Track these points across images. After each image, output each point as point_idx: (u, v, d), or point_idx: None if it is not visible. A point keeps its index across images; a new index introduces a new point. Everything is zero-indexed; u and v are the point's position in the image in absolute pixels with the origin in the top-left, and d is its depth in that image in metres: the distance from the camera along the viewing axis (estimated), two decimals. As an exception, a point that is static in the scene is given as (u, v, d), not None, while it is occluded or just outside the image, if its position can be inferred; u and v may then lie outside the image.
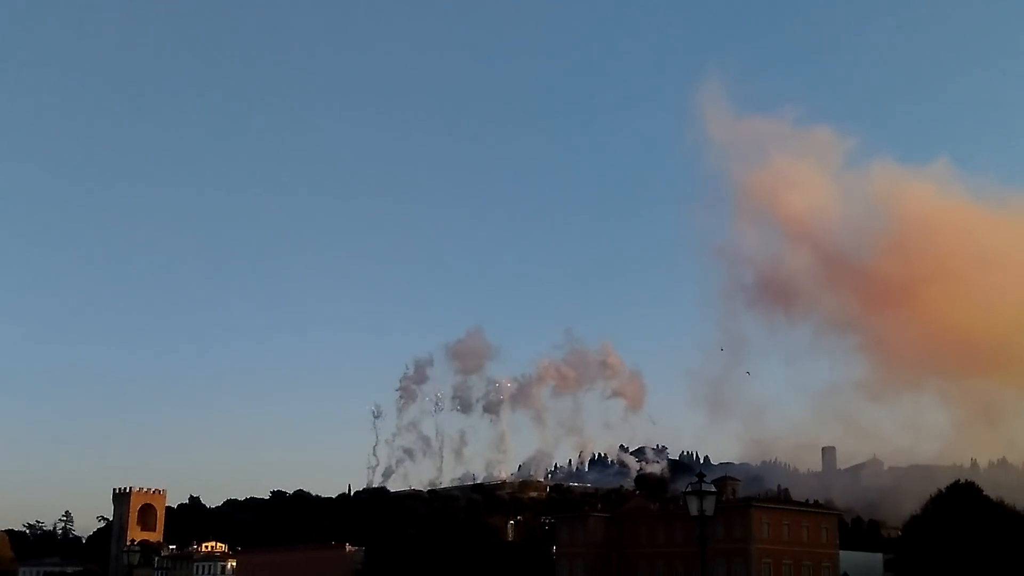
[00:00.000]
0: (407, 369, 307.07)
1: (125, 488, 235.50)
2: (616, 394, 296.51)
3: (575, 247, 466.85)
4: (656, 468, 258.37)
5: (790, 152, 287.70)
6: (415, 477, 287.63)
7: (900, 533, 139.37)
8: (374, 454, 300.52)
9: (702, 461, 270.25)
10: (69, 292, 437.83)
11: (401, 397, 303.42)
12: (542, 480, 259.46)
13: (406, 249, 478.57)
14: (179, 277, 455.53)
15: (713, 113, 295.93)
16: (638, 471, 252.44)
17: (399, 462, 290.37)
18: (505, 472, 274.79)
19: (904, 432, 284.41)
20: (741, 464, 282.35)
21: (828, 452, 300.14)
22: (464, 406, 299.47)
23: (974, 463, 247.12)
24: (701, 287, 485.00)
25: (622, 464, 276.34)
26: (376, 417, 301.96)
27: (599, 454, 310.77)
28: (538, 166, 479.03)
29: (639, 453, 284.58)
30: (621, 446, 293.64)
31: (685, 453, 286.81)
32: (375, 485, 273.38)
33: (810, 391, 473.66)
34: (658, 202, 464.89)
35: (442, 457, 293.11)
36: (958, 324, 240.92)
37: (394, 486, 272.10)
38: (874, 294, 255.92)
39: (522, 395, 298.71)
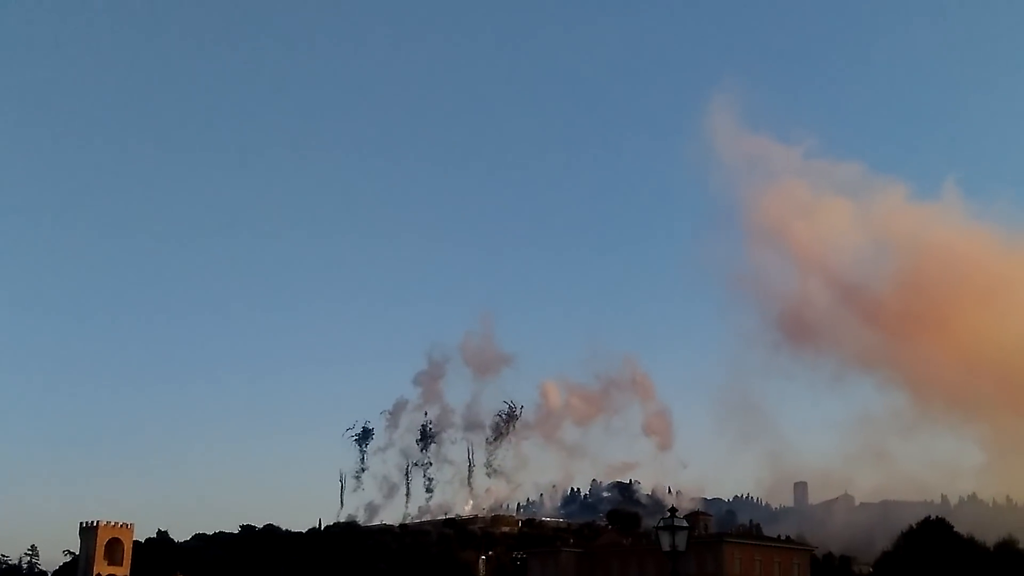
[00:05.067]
0: (424, 365, 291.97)
1: (92, 521, 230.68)
2: (646, 432, 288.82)
3: (592, 261, 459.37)
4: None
5: (800, 179, 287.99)
6: (412, 500, 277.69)
7: (871, 569, 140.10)
8: (381, 455, 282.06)
9: (676, 495, 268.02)
10: (33, 321, 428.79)
11: (422, 395, 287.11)
12: (515, 515, 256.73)
13: (395, 273, 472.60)
14: (146, 306, 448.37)
15: (722, 134, 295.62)
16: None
17: (402, 473, 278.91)
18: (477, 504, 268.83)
19: (927, 467, 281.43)
20: (713, 499, 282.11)
21: (800, 487, 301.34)
22: (472, 426, 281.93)
23: (944, 499, 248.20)
24: (719, 312, 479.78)
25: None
26: (389, 423, 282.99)
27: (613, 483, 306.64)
28: (550, 179, 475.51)
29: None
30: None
31: (660, 486, 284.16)
32: (375, 503, 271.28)
33: (831, 424, 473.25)
34: (674, 222, 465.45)
35: (464, 485, 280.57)
36: (980, 355, 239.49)
37: (393, 507, 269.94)
38: (893, 326, 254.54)
39: (541, 420, 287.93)
